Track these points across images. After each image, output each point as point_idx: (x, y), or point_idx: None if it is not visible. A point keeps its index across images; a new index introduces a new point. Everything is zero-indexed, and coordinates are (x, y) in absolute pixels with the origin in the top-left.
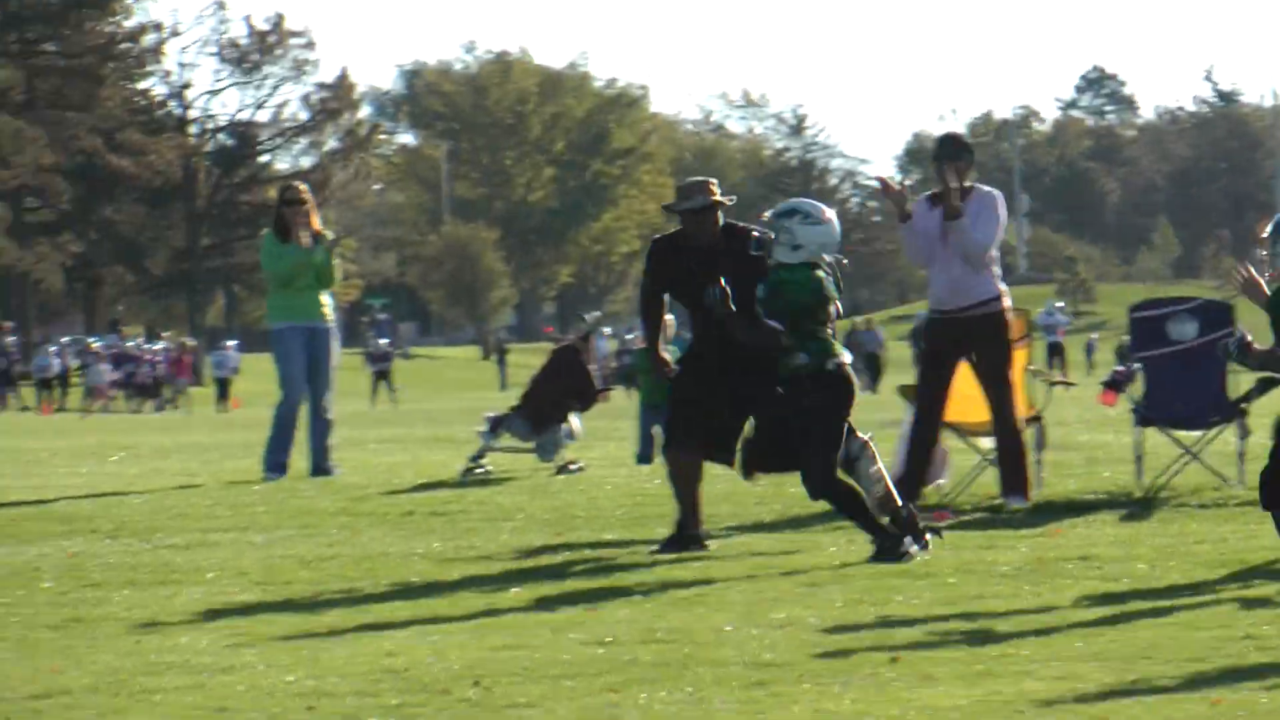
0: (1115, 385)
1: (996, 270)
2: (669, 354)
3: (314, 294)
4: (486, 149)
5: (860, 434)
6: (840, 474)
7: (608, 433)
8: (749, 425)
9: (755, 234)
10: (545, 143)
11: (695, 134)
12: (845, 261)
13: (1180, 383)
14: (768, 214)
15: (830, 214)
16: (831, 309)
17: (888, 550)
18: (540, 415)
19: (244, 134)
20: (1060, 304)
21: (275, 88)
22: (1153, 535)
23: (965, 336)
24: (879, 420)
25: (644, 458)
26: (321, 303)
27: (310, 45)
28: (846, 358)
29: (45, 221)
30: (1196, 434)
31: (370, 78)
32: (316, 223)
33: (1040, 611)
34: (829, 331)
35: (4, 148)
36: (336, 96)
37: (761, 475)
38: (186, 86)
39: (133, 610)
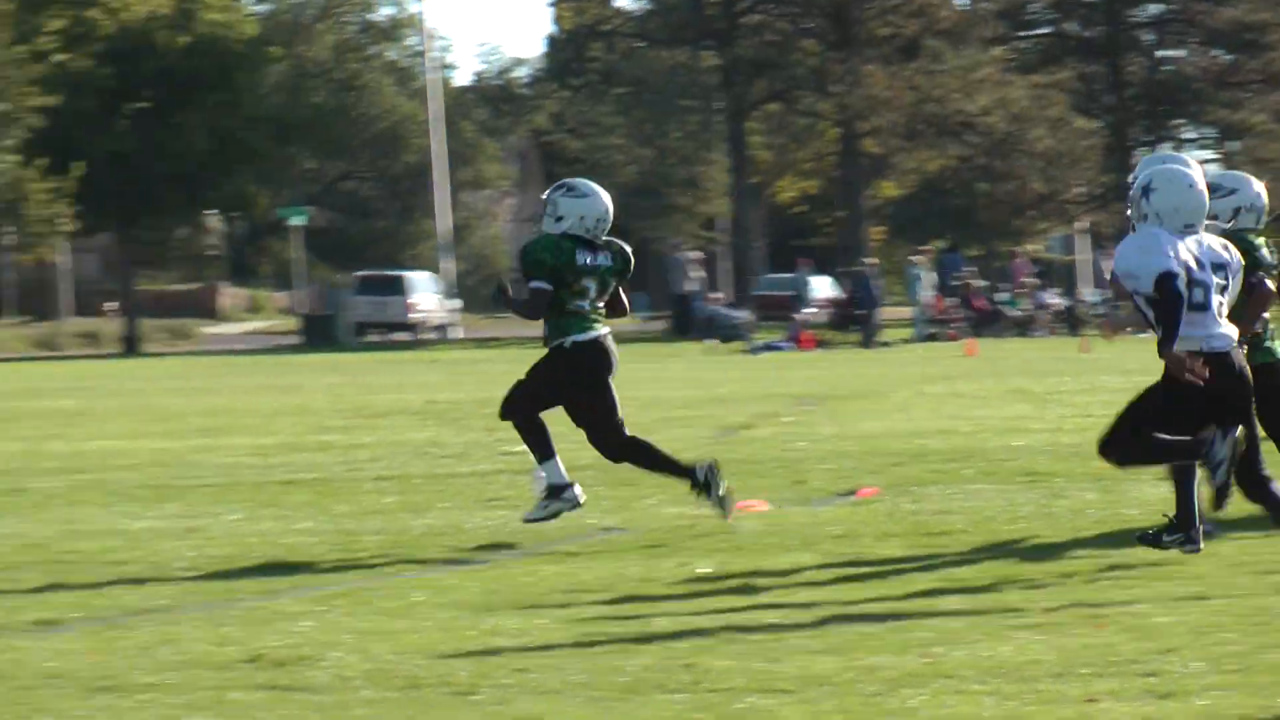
0: None
1: None
2: None
3: None
4: None
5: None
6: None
7: None
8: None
9: None
10: None
11: None
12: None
13: None
14: (544, 192)
15: (599, 189)
16: (586, 283)
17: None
18: None
19: None
20: None
21: None
22: None
23: None
24: None
25: None
26: None
27: None
28: (596, 333)
29: None
30: None
31: None
32: None
33: None
34: (579, 306)
35: None
36: None
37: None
38: None
39: None
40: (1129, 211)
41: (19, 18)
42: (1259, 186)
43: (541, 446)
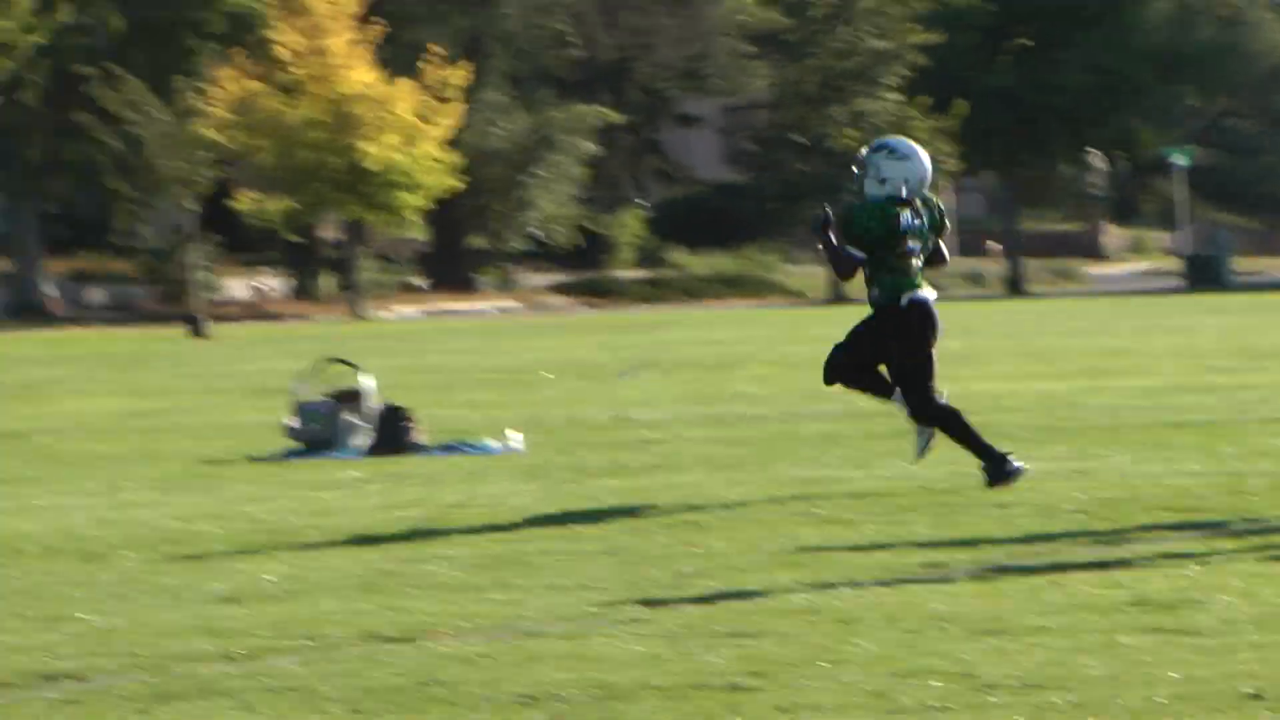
0: None
1: None
2: None
3: None
4: None
5: None
6: (940, 399)
7: None
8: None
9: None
10: None
11: None
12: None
13: None
14: (862, 150)
15: (919, 150)
16: (911, 243)
17: (994, 474)
18: None
19: None
20: None
21: None
22: None
23: None
24: None
25: None
26: None
27: None
28: (924, 295)
29: None
30: None
31: None
32: None
33: None
34: (910, 265)
35: None
36: None
37: (839, 384)
38: None
39: None
40: None
41: None
42: None
43: (880, 387)
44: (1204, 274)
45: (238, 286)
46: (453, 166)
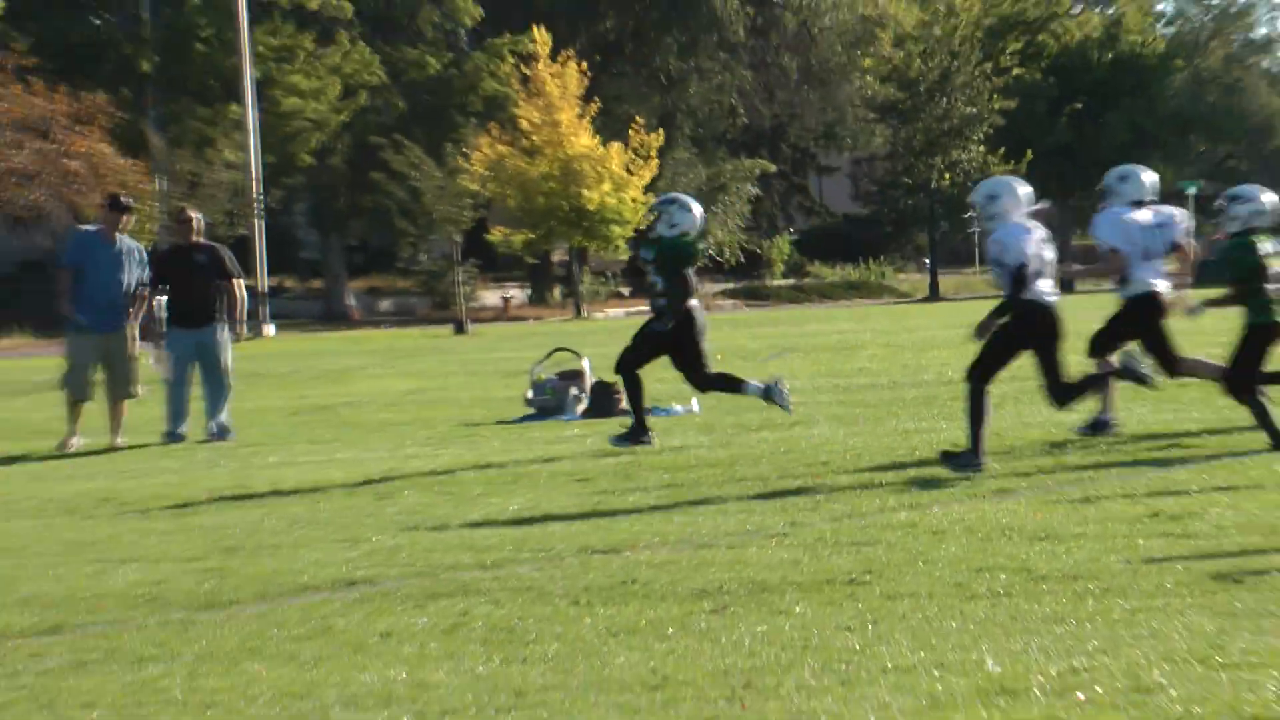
0: None
1: None
2: None
3: None
4: None
5: None
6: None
7: None
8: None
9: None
10: None
11: None
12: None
13: None
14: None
15: (695, 204)
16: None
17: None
18: None
19: None
20: None
21: None
22: None
23: None
24: None
25: None
26: None
27: None
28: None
29: None
30: None
31: None
32: None
33: None
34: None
35: None
36: None
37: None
38: None
39: None
40: None
41: (986, 41)
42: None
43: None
44: (1207, 275)
45: (490, 296)
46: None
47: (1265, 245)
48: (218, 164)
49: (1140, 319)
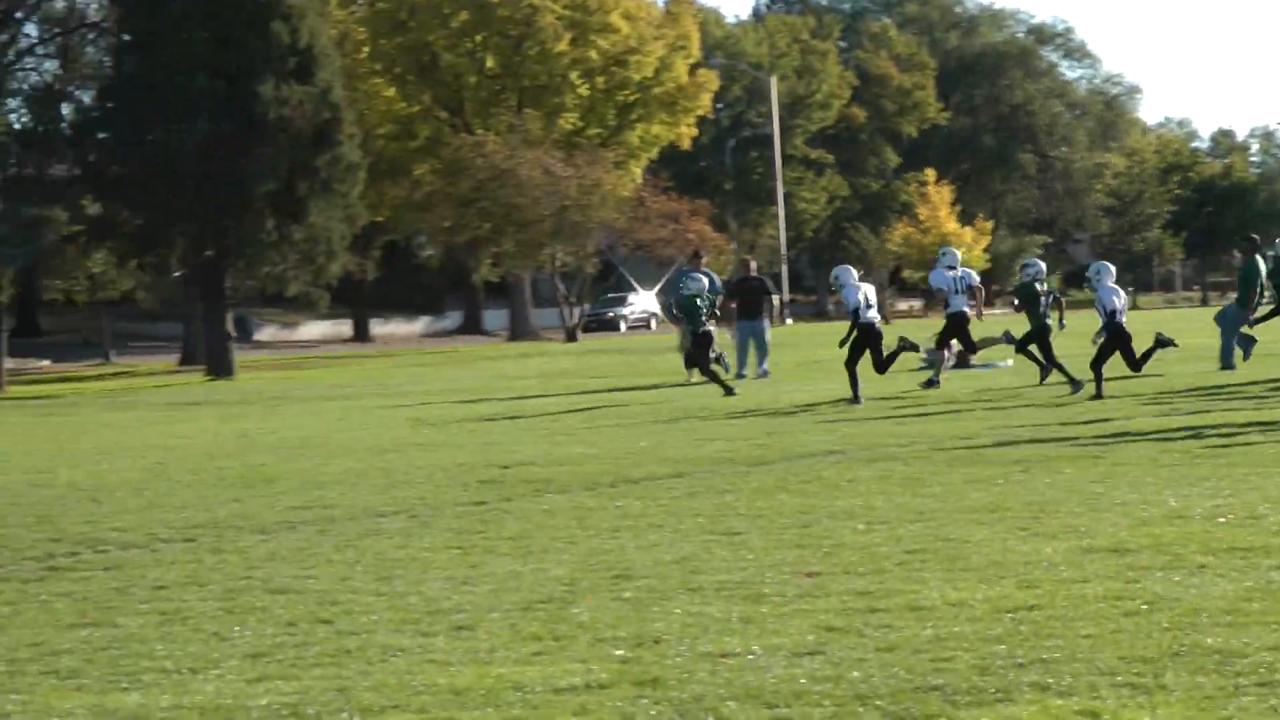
0: None
1: None
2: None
3: None
4: None
5: None
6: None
7: None
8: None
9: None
10: None
11: None
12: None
13: None
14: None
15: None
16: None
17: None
18: None
19: None
20: None
21: None
22: None
23: None
24: None
25: None
26: None
27: None
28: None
29: None
30: None
31: None
32: None
33: None
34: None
35: None
36: None
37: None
38: None
39: None
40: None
41: (1159, 175)
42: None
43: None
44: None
45: None
46: None
47: None
48: (764, 236)
49: None
